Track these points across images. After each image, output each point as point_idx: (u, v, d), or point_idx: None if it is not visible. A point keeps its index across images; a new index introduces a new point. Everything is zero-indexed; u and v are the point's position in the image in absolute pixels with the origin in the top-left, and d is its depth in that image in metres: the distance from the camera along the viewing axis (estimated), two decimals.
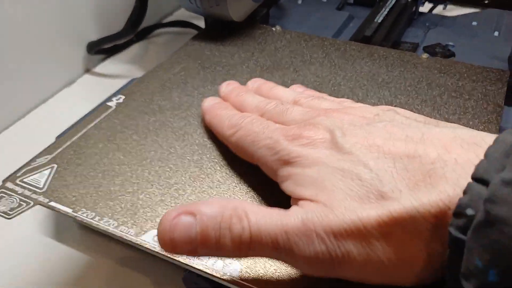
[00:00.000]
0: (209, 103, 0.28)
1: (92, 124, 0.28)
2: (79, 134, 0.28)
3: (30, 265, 0.31)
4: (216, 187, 0.24)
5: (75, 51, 0.49)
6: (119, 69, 0.53)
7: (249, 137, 0.23)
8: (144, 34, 0.56)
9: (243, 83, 0.32)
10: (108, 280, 0.30)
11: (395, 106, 0.29)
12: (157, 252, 0.21)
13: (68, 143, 0.27)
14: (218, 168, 0.25)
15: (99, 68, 0.52)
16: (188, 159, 0.26)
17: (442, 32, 0.46)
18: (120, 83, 0.43)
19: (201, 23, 0.43)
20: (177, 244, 0.18)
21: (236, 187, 0.24)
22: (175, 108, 0.30)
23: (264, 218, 0.18)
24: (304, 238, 0.17)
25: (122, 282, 0.29)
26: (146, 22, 0.53)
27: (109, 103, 0.30)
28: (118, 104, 0.30)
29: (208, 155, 0.26)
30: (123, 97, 0.31)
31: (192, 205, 0.18)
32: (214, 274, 0.20)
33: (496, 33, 0.45)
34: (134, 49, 0.55)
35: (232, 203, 0.18)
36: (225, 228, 0.17)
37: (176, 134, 0.27)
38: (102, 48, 0.51)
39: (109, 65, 0.52)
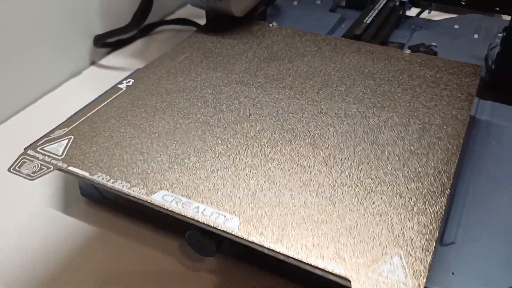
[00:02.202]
0: None
1: (104, 103, 0.31)
2: (93, 111, 0.30)
3: (40, 236, 0.33)
4: (218, 157, 0.27)
5: (82, 44, 0.52)
6: (123, 62, 0.56)
7: None
8: (147, 31, 0.59)
9: (243, 71, 0.35)
10: (112, 250, 0.32)
11: (378, 94, 0.32)
12: (165, 209, 0.24)
13: (83, 118, 0.30)
14: (220, 142, 0.28)
15: (104, 61, 0.55)
16: (192, 134, 0.29)
17: (426, 34, 0.49)
18: (123, 75, 0.46)
19: (202, 22, 0.46)
20: None
21: (236, 157, 0.27)
22: (180, 91, 0.32)
23: None
24: None
25: (126, 252, 0.32)
26: (149, 19, 0.56)
27: (120, 86, 0.33)
28: (128, 87, 0.33)
29: (210, 131, 0.29)
30: (132, 80, 0.33)
31: None
32: (217, 227, 0.23)
33: (476, 36, 0.49)
34: (137, 44, 0.58)
35: None
36: None
37: (181, 113, 0.30)
38: (108, 42, 0.54)
39: (114, 58, 0.56)
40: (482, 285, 0.25)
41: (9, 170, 0.26)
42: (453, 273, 0.26)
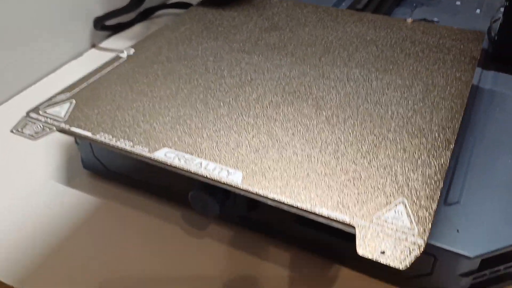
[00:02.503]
0: None
1: (106, 70, 0.31)
2: (95, 78, 0.30)
3: (43, 208, 0.33)
4: (220, 118, 0.27)
5: (82, 26, 0.52)
6: (123, 45, 0.55)
7: None
8: (147, 14, 0.59)
9: (244, 40, 0.35)
10: (115, 220, 0.32)
11: (381, 59, 0.32)
12: (168, 165, 0.24)
13: (85, 84, 0.30)
14: (222, 104, 0.28)
15: (104, 44, 0.55)
16: (194, 97, 0.29)
17: (427, 10, 0.49)
18: None
19: None
20: None
21: (239, 118, 0.27)
22: (181, 59, 0.32)
23: None
24: None
25: (129, 221, 0.32)
26: (149, 3, 0.56)
27: (121, 55, 0.33)
28: (129, 56, 0.33)
29: (212, 95, 0.29)
30: (133, 50, 0.33)
31: None
32: (220, 180, 0.22)
33: (478, 11, 0.49)
34: (137, 28, 0.58)
35: None
36: None
37: (183, 79, 0.30)
38: (108, 26, 0.54)
39: (114, 42, 0.56)
40: (487, 241, 0.25)
41: (11, 131, 0.26)
42: (458, 231, 0.26)
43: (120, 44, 0.56)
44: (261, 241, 0.30)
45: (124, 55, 0.33)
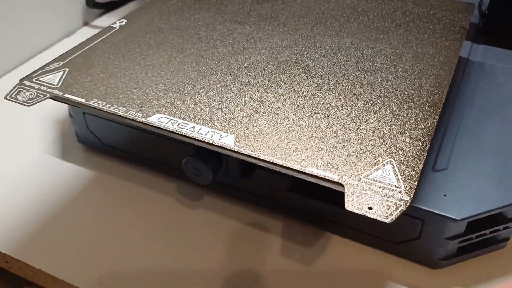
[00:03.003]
0: None
1: (98, 40, 0.31)
2: (87, 47, 0.30)
3: (39, 181, 0.34)
4: (213, 85, 0.27)
5: (75, 4, 0.52)
6: None
7: None
8: None
9: (236, 12, 0.35)
10: (111, 192, 0.33)
11: (372, 29, 0.32)
12: (162, 130, 0.24)
13: (78, 53, 0.30)
14: (214, 72, 0.28)
15: (97, 22, 0.55)
16: (187, 65, 0.29)
17: None
18: None
19: None
20: None
21: (231, 85, 0.27)
22: (173, 29, 0.33)
23: None
24: None
25: (125, 193, 0.32)
26: None
27: (113, 25, 0.33)
28: (121, 26, 0.33)
29: (204, 63, 0.29)
30: (125, 20, 0.33)
31: None
32: (213, 143, 0.23)
33: None
34: (130, 6, 0.58)
35: None
36: None
37: (175, 48, 0.30)
38: (100, 3, 0.54)
39: (107, 20, 0.55)
40: (473, 205, 0.25)
41: (5, 97, 0.26)
42: (445, 195, 0.26)
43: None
44: (254, 211, 0.30)
45: (116, 25, 0.33)
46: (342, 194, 0.21)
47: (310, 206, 0.28)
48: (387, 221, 0.19)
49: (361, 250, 0.28)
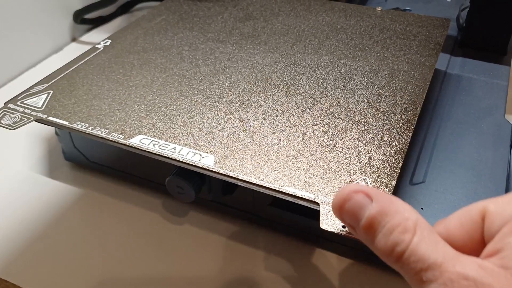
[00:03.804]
0: None
1: (83, 61, 0.32)
2: (71, 69, 0.31)
3: (25, 199, 0.34)
4: (194, 105, 0.28)
5: (62, 20, 0.52)
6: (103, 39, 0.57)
7: None
8: (128, 8, 0.59)
9: (218, 30, 0.36)
10: (97, 209, 0.33)
11: (350, 46, 0.33)
12: (143, 151, 0.24)
13: (62, 75, 0.30)
14: (196, 92, 0.29)
15: (85, 37, 0.55)
16: (169, 86, 0.29)
17: (401, 0, 0.50)
18: None
19: None
20: (343, 212, 0.18)
21: (212, 104, 0.28)
22: (157, 49, 0.33)
23: (427, 245, 0.16)
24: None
25: (111, 210, 0.33)
26: None
27: (97, 46, 0.34)
28: (105, 46, 0.33)
29: (187, 83, 0.30)
30: (109, 41, 0.34)
31: (373, 189, 0.18)
32: (193, 164, 0.23)
33: (449, 0, 0.50)
34: (117, 21, 0.58)
35: (410, 213, 0.17)
36: (388, 230, 0.17)
37: (158, 68, 0.31)
38: (88, 19, 0.54)
39: (94, 35, 0.56)
40: None
41: None
42: (422, 208, 0.27)
43: (101, 38, 0.54)
44: (239, 226, 0.31)
45: (100, 46, 0.34)
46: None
47: (291, 220, 0.29)
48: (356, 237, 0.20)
49: (345, 263, 0.29)
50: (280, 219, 0.29)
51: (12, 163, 0.37)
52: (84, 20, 0.54)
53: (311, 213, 0.27)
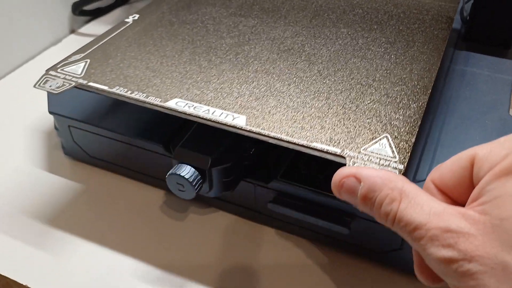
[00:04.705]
0: None
1: (114, 34, 0.34)
2: (104, 41, 0.33)
3: (25, 192, 0.34)
4: (223, 73, 0.30)
5: (61, 11, 0.52)
6: (103, 30, 0.49)
7: None
8: None
9: (240, 6, 0.37)
10: (97, 204, 0.33)
11: (366, 20, 0.35)
12: (179, 112, 0.26)
13: (95, 46, 0.32)
14: (223, 61, 0.31)
15: (83, 29, 0.55)
16: (198, 56, 0.31)
17: None
18: None
19: None
20: (342, 196, 0.21)
21: (240, 72, 0.30)
22: (183, 23, 0.35)
23: (413, 209, 0.18)
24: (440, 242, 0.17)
25: (111, 205, 0.33)
26: None
27: (126, 20, 0.35)
28: (134, 21, 0.35)
29: (214, 53, 0.32)
30: (137, 15, 0.36)
31: (361, 170, 0.20)
32: (226, 123, 0.25)
33: None
34: (116, 13, 0.58)
35: (396, 183, 0.19)
36: (378, 203, 0.19)
37: (186, 40, 0.33)
38: (87, 10, 0.54)
39: (93, 27, 0.55)
40: None
41: (34, 86, 0.28)
42: None
43: (100, 29, 0.50)
44: (239, 222, 0.32)
45: (129, 20, 0.35)
46: (324, 207, 0.23)
47: (293, 217, 0.29)
48: None
49: (345, 259, 0.29)
50: (282, 216, 0.30)
51: (11, 157, 0.37)
52: (83, 11, 0.53)
53: (313, 210, 0.28)
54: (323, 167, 0.29)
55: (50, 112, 0.34)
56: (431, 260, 0.18)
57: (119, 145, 0.33)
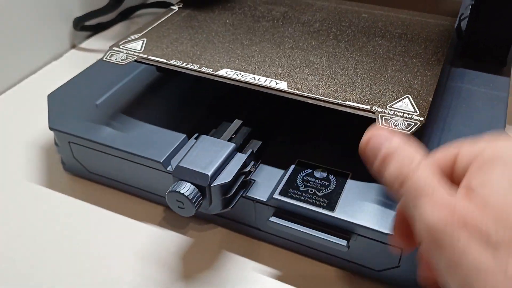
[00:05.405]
0: None
1: (164, 18, 0.38)
2: (156, 23, 0.38)
3: (26, 210, 0.34)
4: (263, 49, 0.34)
5: (62, 27, 0.52)
6: (103, 46, 0.53)
7: None
8: (127, 14, 0.59)
9: None
10: (96, 220, 0.34)
11: (386, 14, 0.40)
12: (229, 79, 0.31)
13: (149, 28, 0.37)
14: (263, 40, 0.35)
15: (85, 44, 0.55)
16: (240, 36, 0.36)
17: None
18: None
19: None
20: (367, 154, 0.23)
21: (278, 48, 0.34)
22: (222, 10, 0.40)
23: (425, 179, 0.20)
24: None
25: (111, 221, 0.33)
26: (129, 3, 0.55)
27: (172, 7, 0.40)
28: (179, 8, 0.40)
29: (253, 33, 0.36)
30: (182, 4, 0.41)
31: (388, 137, 0.22)
32: (271, 87, 0.30)
33: None
34: (117, 28, 0.58)
35: (416, 154, 0.21)
36: (398, 163, 0.21)
37: (227, 23, 0.38)
38: (88, 26, 0.54)
39: (94, 42, 0.55)
40: None
41: (102, 59, 0.33)
42: None
43: (101, 44, 0.54)
44: (237, 237, 0.32)
45: (175, 7, 0.40)
46: (320, 223, 0.26)
47: (292, 234, 0.29)
48: (408, 133, 0.26)
49: (345, 276, 0.30)
50: (281, 233, 0.31)
51: (11, 173, 0.37)
52: (84, 27, 0.54)
53: (314, 225, 0.28)
54: (322, 186, 0.29)
55: (51, 128, 0.34)
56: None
57: (119, 162, 0.33)
